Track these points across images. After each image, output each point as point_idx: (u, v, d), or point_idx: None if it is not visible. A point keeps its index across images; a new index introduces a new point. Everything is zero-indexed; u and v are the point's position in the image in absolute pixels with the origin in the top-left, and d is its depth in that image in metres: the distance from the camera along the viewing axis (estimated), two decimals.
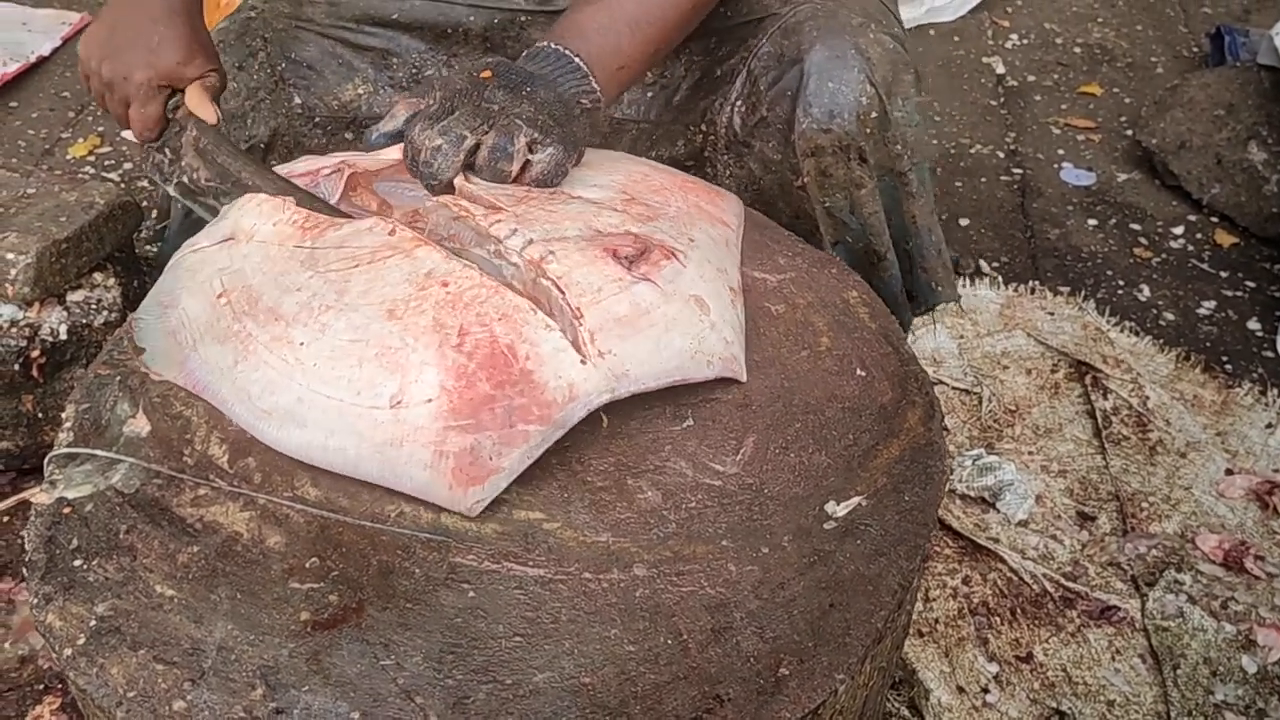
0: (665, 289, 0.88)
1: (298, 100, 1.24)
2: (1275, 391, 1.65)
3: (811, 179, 1.15)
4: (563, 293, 0.85)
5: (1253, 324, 1.85)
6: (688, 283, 0.90)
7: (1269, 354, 1.78)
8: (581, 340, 0.84)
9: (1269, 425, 1.59)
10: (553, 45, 1.02)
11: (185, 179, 1.05)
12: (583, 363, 0.82)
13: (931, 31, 2.69)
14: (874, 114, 1.12)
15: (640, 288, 0.87)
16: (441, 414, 0.80)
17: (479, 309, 0.84)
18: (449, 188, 0.95)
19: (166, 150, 1.08)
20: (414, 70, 1.28)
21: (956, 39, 2.68)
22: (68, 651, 0.73)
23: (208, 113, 1.07)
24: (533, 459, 0.81)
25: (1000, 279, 1.89)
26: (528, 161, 0.95)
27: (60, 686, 1.19)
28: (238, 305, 0.90)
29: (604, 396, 0.83)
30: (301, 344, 0.85)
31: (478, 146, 0.95)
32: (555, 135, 0.96)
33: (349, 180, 1.03)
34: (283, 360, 0.85)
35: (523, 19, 1.27)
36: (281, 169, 1.06)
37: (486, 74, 0.97)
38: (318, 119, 1.27)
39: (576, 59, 1.01)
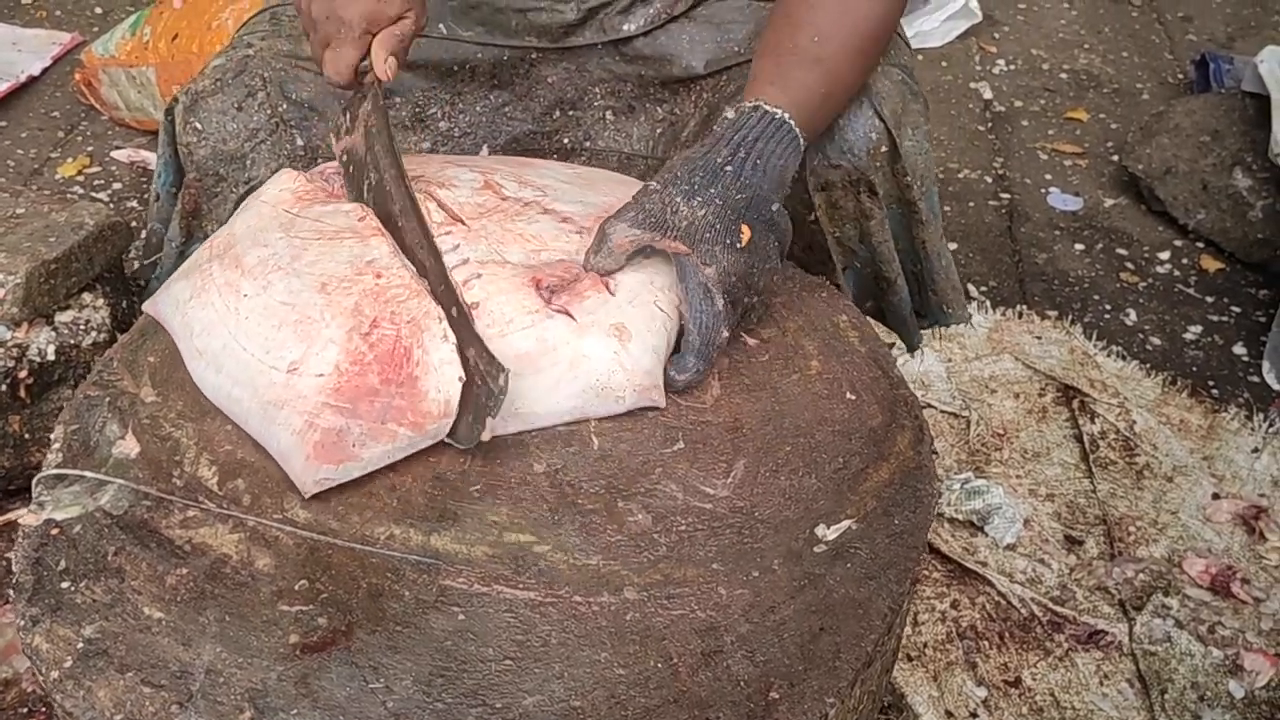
0: (582, 321, 0.89)
1: (299, 141, 1.21)
2: (1261, 416, 1.66)
3: (822, 211, 1.15)
4: (472, 322, 0.87)
5: (1238, 349, 1.86)
6: (611, 311, 0.90)
7: (1255, 379, 1.79)
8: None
9: (1255, 450, 1.60)
10: (787, 120, 0.98)
11: (347, 151, 1.05)
12: (459, 380, 0.83)
13: (919, 57, 2.71)
14: (883, 148, 1.12)
15: (553, 322, 0.89)
16: (326, 390, 0.83)
17: (396, 307, 0.87)
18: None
19: (347, 114, 1.07)
20: (416, 109, 1.27)
21: (944, 64, 2.70)
22: (54, 674, 0.72)
23: (380, 65, 1.02)
24: (392, 459, 0.83)
25: (988, 303, 1.90)
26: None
27: (45, 709, 1.18)
28: (215, 249, 0.97)
29: (485, 435, 0.84)
30: (245, 295, 0.91)
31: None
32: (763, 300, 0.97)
33: None
34: (225, 306, 0.91)
35: (533, 56, 1.26)
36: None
37: (746, 234, 0.92)
38: (320, 161, 1.25)
39: (797, 131, 0.98)
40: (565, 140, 1.28)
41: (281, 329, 0.87)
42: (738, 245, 0.91)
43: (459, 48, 1.26)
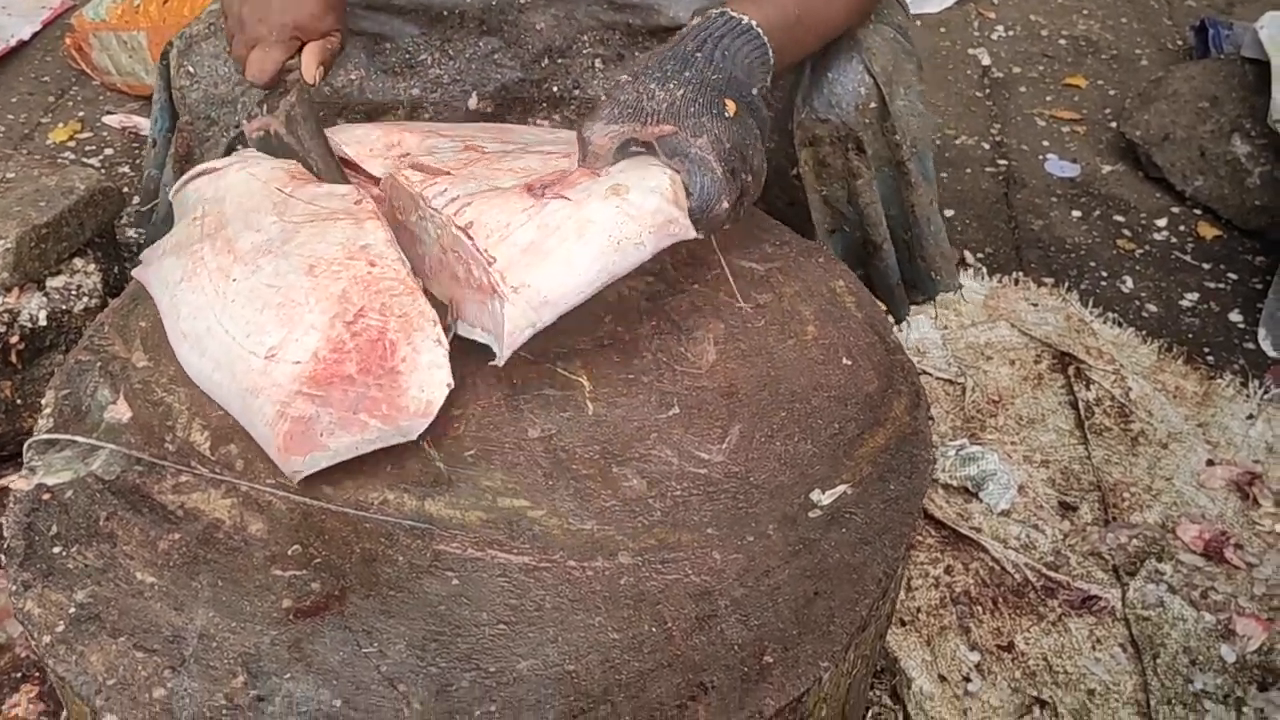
0: (577, 198, 0.87)
1: None
2: (1256, 383, 1.66)
3: (809, 168, 1.15)
4: (471, 239, 0.85)
5: (1234, 316, 1.86)
6: (604, 183, 0.88)
7: (1250, 345, 1.79)
8: (495, 281, 0.83)
9: (1250, 416, 1.60)
10: (754, 26, 0.96)
11: (267, 133, 1.05)
12: (447, 386, 0.81)
13: (918, 23, 2.69)
14: (873, 104, 1.11)
15: (549, 206, 0.86)
16: (301, 378, 0.82)
17: (387, 299, 0.85)
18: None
19: (264, 106, 1.07)
20: (407, 55, 1.26)
21: (943, 30, 2.68)
22: (46, 639, 0.72)
23: (310, 70, 1.04)
24: (362, 451, 0.80)
25: (984, 270, 1.89)
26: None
27: (38, 674, 1.18)
28: (206, 228, 0.94)
29: (528, 331, 0.83)
30: (234, 280, 0.88)
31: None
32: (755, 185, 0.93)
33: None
34: (215, 290, 0.89)
35: (522, 2, 1.25)
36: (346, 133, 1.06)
37: (732, 107, 0.90)
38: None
39: (764, 40, 0.96)
40: (554, 88, 1.28)
41: (264, 312, 0.85)
42: (725, 115, 0.89)
43: None
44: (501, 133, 1.08)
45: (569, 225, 0.85)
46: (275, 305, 0.85)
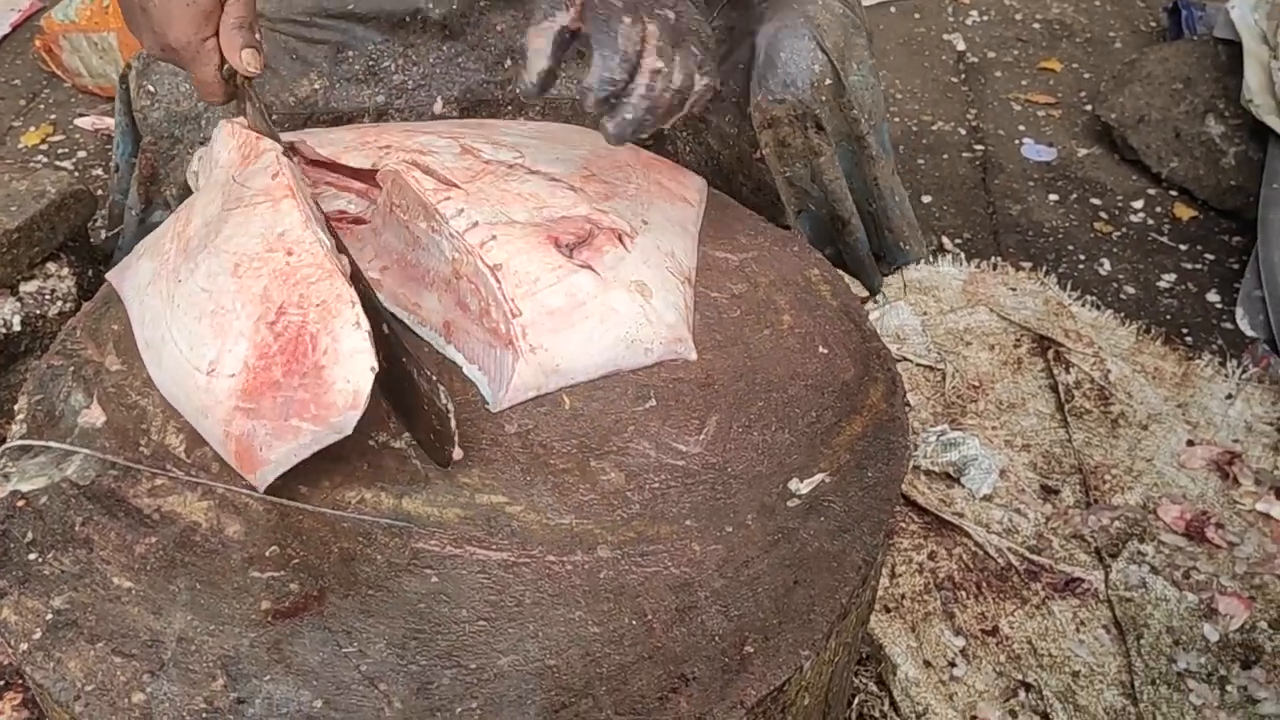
0: (605, 276, 0.89)
1: None
2: (1234, 362, 1.66)
3: (770, 150, 1.16)
4: (499, 282, 0.85)
5: (1212, 296, 1.86)
6: (630, 268, 0.90)
7: (1228, 325, 1.80)
8: (514, 335, 0.85)
9: (1229, 396, 1.60)
10: None
11: None
12: (371, 370, 0.78)
13: (893, 9, 2.69)
14: (828, 81, 1.12)
15: (579, 277, 0.88)
16: (236, 392, 0.79)
17: (304, 290, 0.81)
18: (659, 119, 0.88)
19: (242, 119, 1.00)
20: (370, 62, 1.26)
21: (917, 16, 2.68)
22: (24, 646, 0.71)
23: (240, 64, 0.91)
24: (300, 457, 0.78)
25: (963, 255, 1.89)
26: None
27: (21, 682, 1.17)
28: (177, 224, 0.93)
29: (530, 392, 0.85)
30: (180, 281, 0.86)
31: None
32: (711, 61, 0.90)
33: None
34: (167, 294, 0.87)
35: (482, 4, 1.25)
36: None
37: None
38: (274, 117, 1.22)
39: None
40: (518, 89, 1.28)
41: (201, 321, 0.83)
42: None
43: None
44: (483, 130, 1.07)
45: (593, 305, 0.87)
46: (209, 313, 0.83)
